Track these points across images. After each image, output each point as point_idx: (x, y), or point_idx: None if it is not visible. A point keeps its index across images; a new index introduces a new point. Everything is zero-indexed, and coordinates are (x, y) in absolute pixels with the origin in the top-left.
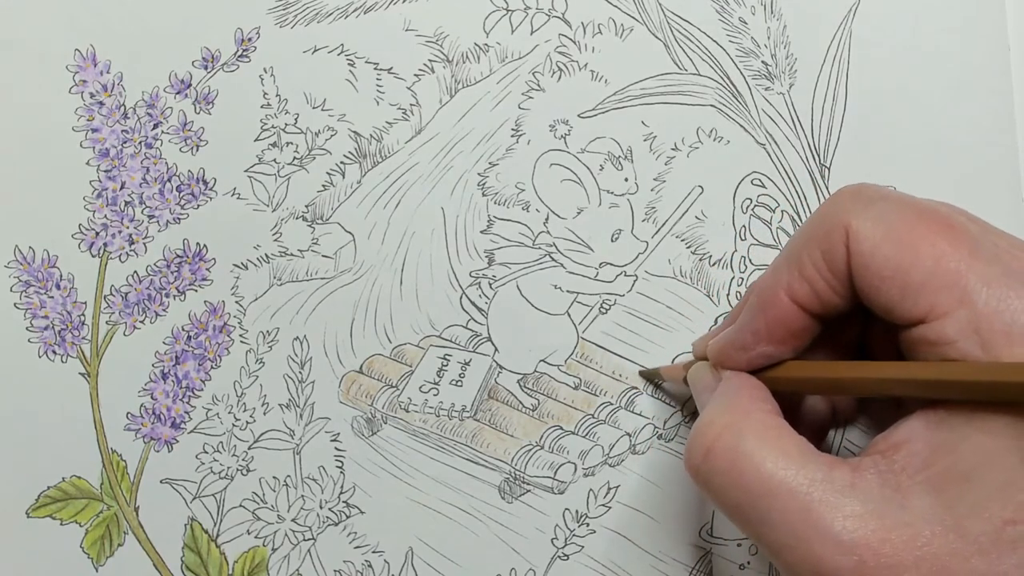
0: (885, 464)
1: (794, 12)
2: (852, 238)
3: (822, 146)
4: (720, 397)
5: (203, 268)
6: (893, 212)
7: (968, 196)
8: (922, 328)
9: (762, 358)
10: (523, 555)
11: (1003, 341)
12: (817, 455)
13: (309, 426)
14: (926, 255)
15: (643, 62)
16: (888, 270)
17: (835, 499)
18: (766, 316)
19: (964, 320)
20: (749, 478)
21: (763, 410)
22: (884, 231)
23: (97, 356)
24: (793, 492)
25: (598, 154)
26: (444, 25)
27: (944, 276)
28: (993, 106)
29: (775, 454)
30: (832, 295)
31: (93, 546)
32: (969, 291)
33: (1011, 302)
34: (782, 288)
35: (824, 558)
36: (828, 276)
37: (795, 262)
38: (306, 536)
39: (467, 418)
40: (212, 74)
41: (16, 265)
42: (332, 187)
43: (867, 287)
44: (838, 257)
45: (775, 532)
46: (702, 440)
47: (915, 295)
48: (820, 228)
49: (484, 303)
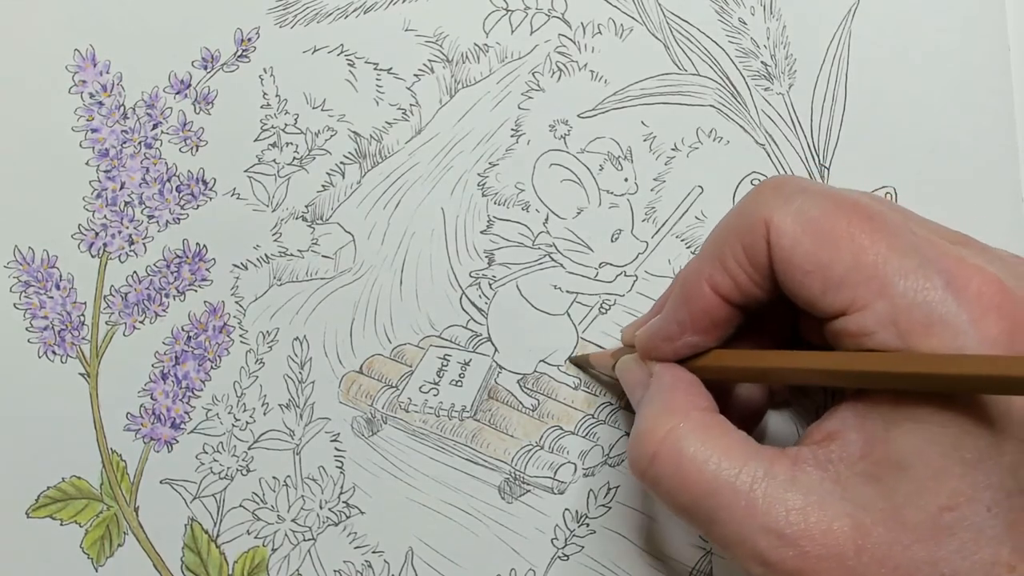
0: (823, 454)
1: (794, 13)
2: (773, 233)
3: (821, 146)
4: (656, 397)
5: (203, 268)
6: (813, 206)
7: (968, 196)
8: (843, 320)
9: (688, 348)
10: (523, 555)
11: (921, 331)
12: (758, 450)
13: (309, 426)
14: (845, 249)
15: (643, 62)
16: (809, 265)
17: (778, 493)
18: (690, 307)
19: (883, 312)
20: (693, 480)
21: (700, 408)
22: (804, 226)
23: (97, 356)
24: (736, 490)
25: (598, 154)
26: (444, 25)
27: (863, 269)
28: (993, 106)
29: (717, 454)
30: (753, 288)
31: (93, 546)
32: (887, 283)
33: (927, 293)
34: (705, 279)
35: (768, 551)
36: (749, 270)
37: (717, 255)
38: (306, 536)
39: (467, 418)
40: (212, 74)
41: (16, 265)
42: (332, 187)
43: (789, 281)
44: (759, 251)
45: (723, 529)
46: (646, 447)
47: (836, 289)
48: (742, 222)
49: (484, 303)
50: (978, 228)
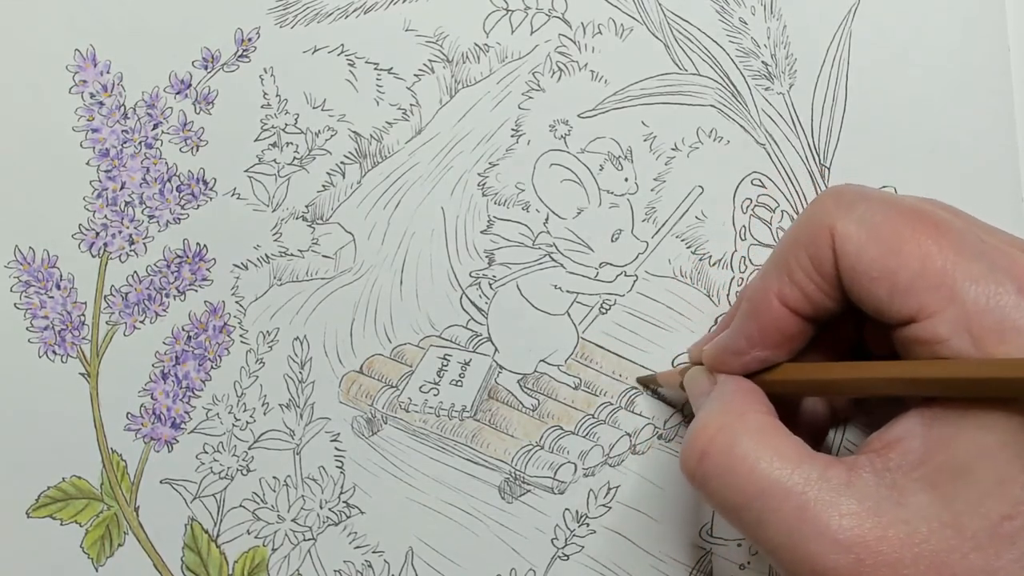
0: (881, 462)
1: (794, 12)
2: (838, 241)
3: (822, 146)
4: (714, 400)
5: (203, 268)
6: (877, 213)
7: (968, 196)
8: (913, 327)
9: (757, 362)
10: (523, 555)
11: (994, 338)
12: (812, 455)
13: (309, 426)
14: (912, 255)
15: (643, 62)
16: (875, 271)
17: (831, 497)
18: (759, 321)
19: (954, 318)
20: (744, 479)
21: (757, 411)
22: (868, 232)
23: (97, 356)
24: (788, 492)
25: (598, 154)
26: (444, 25)
27: (931, 275)
28: (993, 106)
29: (770, 454)
30: (822, 298)
31: (93, 546)
32: (957, 289)
33: (999, 299)
34: (773, 293)
35: (821, 557)
36: (817, 280)
37: (783, 267)
38: (306, 536)
39: (467, 418)
40: (212, 74)
41: (16, 265)
42: (332, 187)
43: (856, 289)
44: (825, 260)
45: (772, 532)
46: (697, 443)
47: (904, 295)
48: (805, 232)
49: (484, 303)
50: None
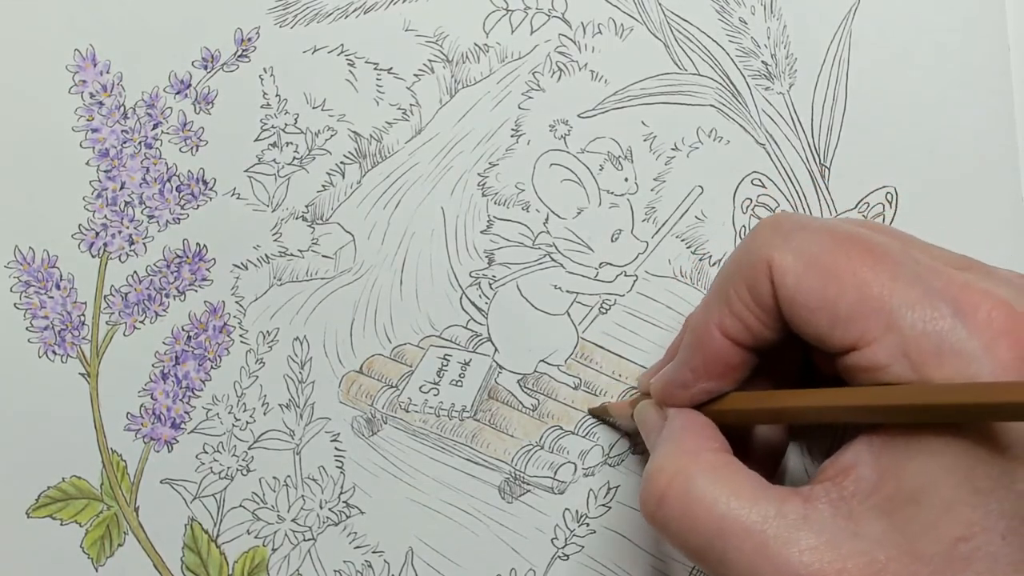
0: (836, 491)
1: (794, 12)
2: (775, 272)
3: (822, 146)
4: (667, 440)
5: (203, 268)
6: (813, 242)
7: (968, 196)
8: (854, 355)
9: (704, 394)
10: (523, 555)
11: (933, 362)
12: (768, 489)
13: (309, 426)
14: (849, 284)
15: (643, 62)
16: (814, 302)
17: (789, 534)
18: (702, 353)
19: (893, 345)
20: (703, 521)
21: (711, 449)
22: (805, 263)
23: (97, 356)
24: (747, 531)
25: (598, 154)
26: (444, 25)
27: (869, 303)
28: (993, 106)
29: (726, 494)
30: (762, 329)
31: (93, 546)
32: (894, 316)
33: (936, 323)
34: (714, 324)
35: None
36: (756, 311)
37: (723, 298)
38: (306, 536)
39: (467, 418)
40: (212, 74)
41: (16, 265)
42: (332, 187)
43: (796, 319)
44: (764, 292)
45: (734, 571)
46: (654, 488)
47: (844, 324)
48: (744, 263)
49: (484, 303)
50: (978, 228)
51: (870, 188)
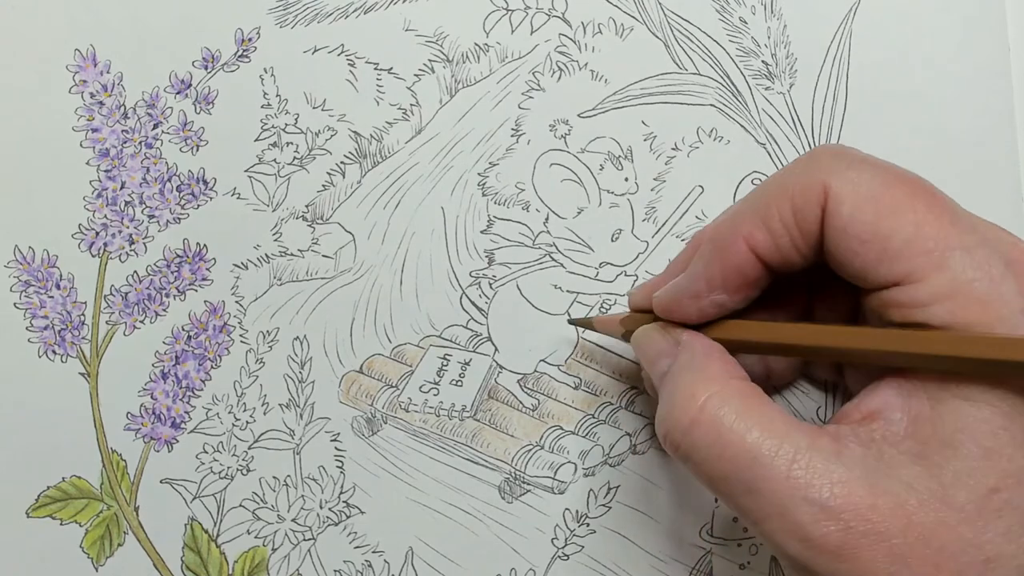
0: (865, 433)
1: (794, 12)
2: (831, 199)
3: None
4: (691, 365)
5: (203, 268)
6: (875, 176)
7: (968, 196)
8: (894, 291)
9: (714, 307)
10: (523, 555)
11: (977, 309)
12: (799, 423)
13: (309, 426)
14: (907, 220)
15: (643, 62)
16: (867, 234)
17: (822, 465)
18: (722, 263)
19: (940, 285)
20: (735, 449)
21: (739, 377)
22: (864, 195)
23: (97, 356)
24: (779, 461)
25: (598, 154)
26: (444, 25)
27: (924, 241)
28: (993, 106)
29: (759, 423)
30: (793, 252)
31: (93, 546)
32: (948, 257)
33: (988, 270)
34: (742, 236)
35: (811, 525)
36: (795, 233)
37: (761, 212)
38: (306, 536)
39: (467, 418)
40: (212, 74)
41: (16, 265)
42: (332, 187)
43: (841, 248)
44: (810, 216)
45: (761, 501)
46: (683, 414)
47: (893, 259)
48: (795, 183)
49: (484, 303)
50: None
51: None
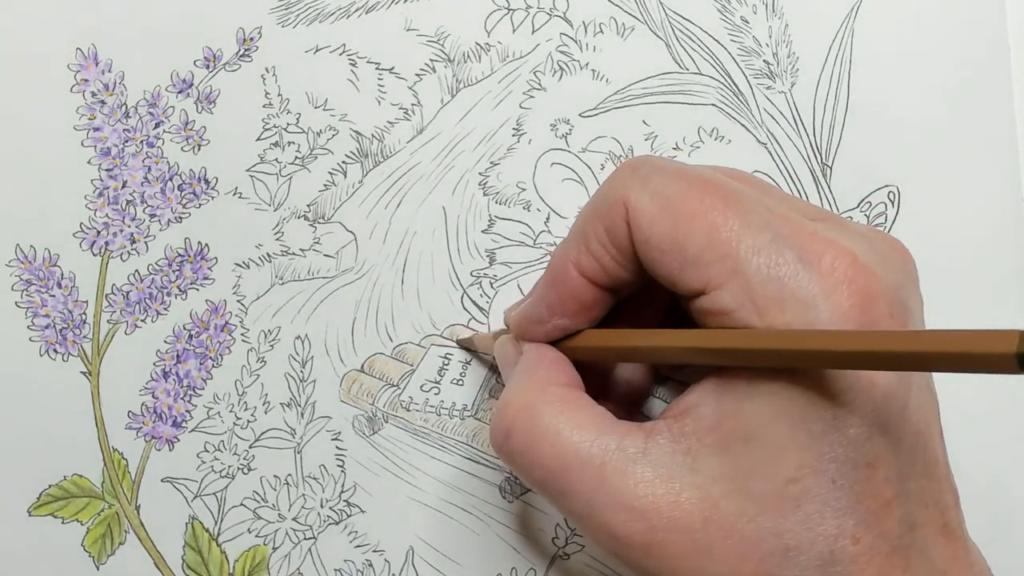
0: (677, 428)
1: (796, 11)
2: (631, 213)
3: (824, 145)
4: (518, 374)
5: (205, 267)
6: (668, 185)
7: (968, 196)
8: (703, 299)
9: (558, 331)
10: (524, 554)
11: (776, 307)
12: (613, 424)
13: (310, 425)
14: (699, 228)
15: (644, 61)
16: (665, 244)
17: (627, 467)
18: (557, 290)
19: (738, 289)
20: (546, 454)
21: (559, 383)
22: (660, 205)
23: (98, 355)
24: (588, 463)
25: (599, 153)
26: (445, 25)
27: (717, 247)
28: (993, 106)
29: (570, 427)
30: (618, 269)
31: (94, 544)
32: (741, 261)
33: (780, 269)
34: (571, 262)
35: (617, 525)
36: (612, 251)
37: (581, 237)
38: (307, 535)
39: (468, 417)
40: (214, 73)
41: (17, 264)
42: (334, 187)
43: (649, 261)
44: (620, 232)
45: (574, 503)
46: (502, 421)
47: (692, 267)
48: (602, 203)
49: (485, 302)
50: (978, 228)
51: (872, 187)
